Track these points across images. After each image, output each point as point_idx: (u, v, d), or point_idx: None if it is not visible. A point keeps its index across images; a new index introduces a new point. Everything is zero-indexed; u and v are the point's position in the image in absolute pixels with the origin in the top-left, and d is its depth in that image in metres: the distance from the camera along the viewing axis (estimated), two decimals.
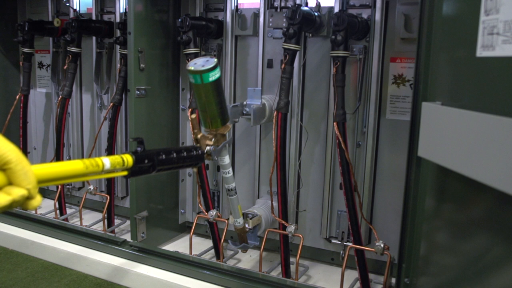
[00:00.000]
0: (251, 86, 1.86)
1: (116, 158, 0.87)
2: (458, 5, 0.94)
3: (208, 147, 1.32)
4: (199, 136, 1.34)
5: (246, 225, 1.61)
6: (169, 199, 2.08)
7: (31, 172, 0.65)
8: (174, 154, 1.06)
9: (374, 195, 1.73)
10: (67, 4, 2.28)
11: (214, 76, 1.23)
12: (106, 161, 0.83)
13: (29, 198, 0.65)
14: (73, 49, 2.08)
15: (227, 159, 1.45)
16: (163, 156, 1.02)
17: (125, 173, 0.91)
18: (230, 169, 1.49)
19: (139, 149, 0.96)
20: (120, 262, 1.77)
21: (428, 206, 1.08)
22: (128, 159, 0.90)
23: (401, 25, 1.59)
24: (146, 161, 0.96)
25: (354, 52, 1.66)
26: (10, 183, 0.63)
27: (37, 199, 0.66)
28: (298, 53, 1.58)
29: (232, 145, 1.96)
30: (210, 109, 1.29)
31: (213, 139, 1.33)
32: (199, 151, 1.15)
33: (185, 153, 1.10)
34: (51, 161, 2.29)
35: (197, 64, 1.24)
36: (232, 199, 1.54)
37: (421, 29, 1.10)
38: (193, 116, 1.38)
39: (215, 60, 1.25)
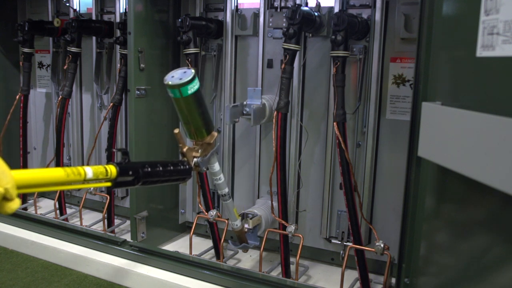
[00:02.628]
0: (251, 86, 1.86)
1: (99, 168, 0.86)
2: (458, 5, 0.94)
3: (195, 159, 1.27)
4: (184, 149, 1.27)
5: (246, 225, 1.61)
6: (169, 199, 2.08)
7: (8, 172, 0.65)
8: (160, 168, 1.05)
9: (374, 195, 1.73)
10: (67, 4, 2.28)
11: (193, 88, 1.20)
12: (89, 170, 0.83)
13: (6, 199, 0.64)
14: (73, 49, 2.08)
15: (217, 166, 1.42)
16: (148, 168, 1.00)
17: (108, 184, 0.90)
18: (222, 176, 1.46)
19: (124, 160, 0.95)
20: (120, 262, 1.77)
21: (428, 206, 1.08)
22: (112, 170, 0.89)
23: (401, 25, 1.59)
24: (130, 172, 0.95)
25: (354, 52, 1.66)
26: None
27: (16, 202, 0.66)
28: (298, 53, 1.58)
29: (232, 145, 1.96)
30: (193, 121, 1.27)
31: (199, 150, 1.29)
32: (186, 166, 1.15)
33: (171, 167, 1.10)
34: (51, 161, 2.30)
35: (174, 77, 1.20)
36: (227, 204, 1.54)
37: (421, 29, 1.10)
38: (176, 131, 1.29)
39: (193, 71, 1.22)
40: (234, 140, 1.96)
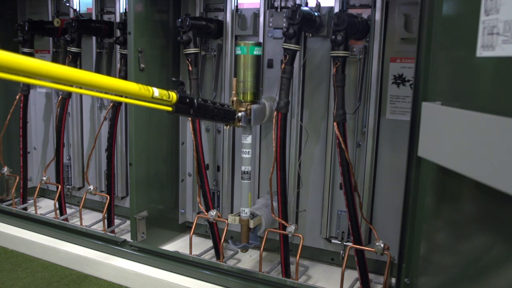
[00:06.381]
0: None
1: (163, 91, 1.00)
2: (458, 5, 0.94)
3: (239, 113, 1.45)
4: (234, 98, 1.49)
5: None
6: (169, 199, 2.08)
7: None
8: (210, 104, 1.21)
9: (374, 195, 1.73)
10: (67, 4, 2.28)
11: (258, 51, 1.53)
12: (156, 90, 0.97)
13: None
14: (73, 49, 2.08)
15: (249, 139, 1.54)
16: (201, 101, 1.16)
17: (169, 108, 1.04)
18: (250, 151, 1.55)
19: (181, 90, 1.08)
20: (120, 262, 1.77)
21: (428, 206, 1.08)
22: (173, 95, 1.03)
23: (401, 25, 1.59)
24: (187, 100, 1.09)
25: (354, 52, 1.66)
26: None
27: None
28: (298, 53, 1.58)
29: (232, 145, 1.96)
30: (246, 80, 1.52)
31: (246, 107, 1.50)
32: (232, 109, 1.33)
33: (219, 105, 1.27)
34: (51, 161, 2.30)
35: (247, 42, 1.55)
36: (243, 184, 1.53)
37: (421, 29, 1.10)
38: (234, 79, 1.53)
39: (261, 42, 1.66)
40: (234, 140, 1.96)
